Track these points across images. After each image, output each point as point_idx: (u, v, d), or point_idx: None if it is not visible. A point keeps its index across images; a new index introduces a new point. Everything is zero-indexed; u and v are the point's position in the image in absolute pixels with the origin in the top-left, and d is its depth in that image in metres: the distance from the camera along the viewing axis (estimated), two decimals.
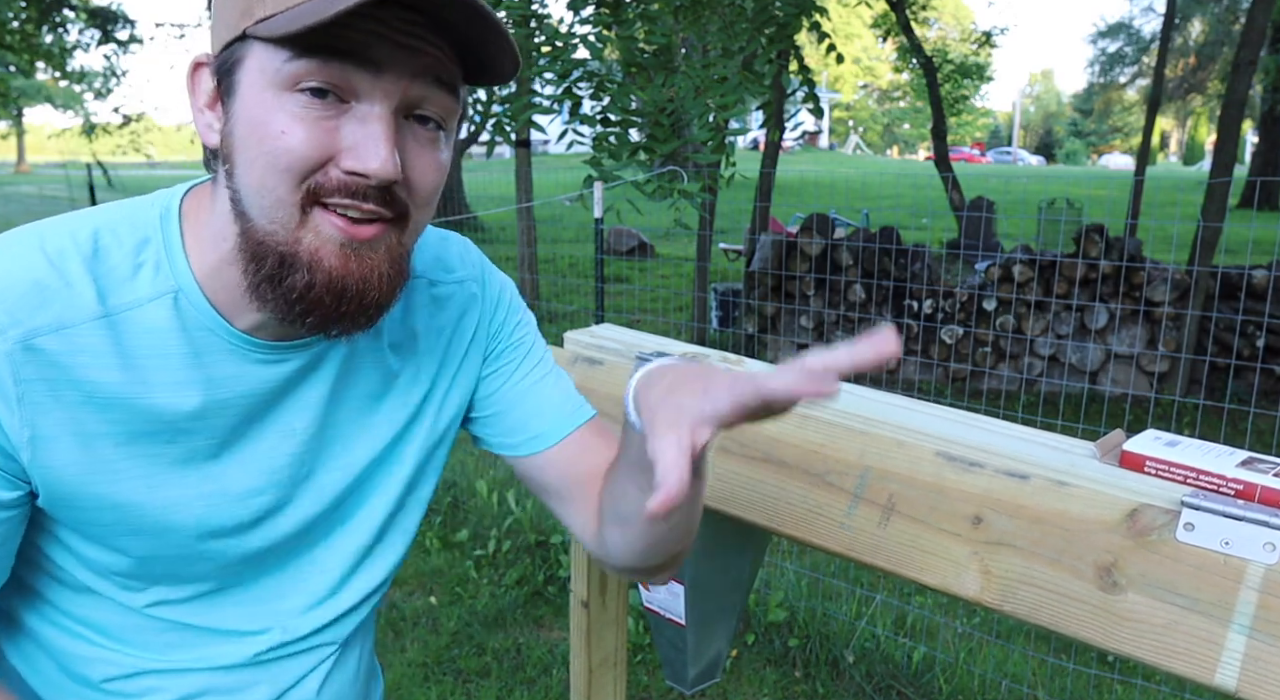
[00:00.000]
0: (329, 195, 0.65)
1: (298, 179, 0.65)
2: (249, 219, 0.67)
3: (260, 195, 0.66)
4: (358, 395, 0.82)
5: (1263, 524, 0.66)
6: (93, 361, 0.68)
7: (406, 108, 0.67)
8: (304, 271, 0.66)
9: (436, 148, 0.70)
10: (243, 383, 0.74)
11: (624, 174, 3.48)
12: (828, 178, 14.64)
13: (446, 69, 0.68)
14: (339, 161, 0.65)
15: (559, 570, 3.29)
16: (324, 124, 0.64)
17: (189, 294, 0.71)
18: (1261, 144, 18.39)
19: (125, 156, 24.84)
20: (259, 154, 0.65)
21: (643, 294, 8.13)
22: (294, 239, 0.66)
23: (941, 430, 0.86)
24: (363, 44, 0.63)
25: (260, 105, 0.65)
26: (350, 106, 0.65)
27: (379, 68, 0.64)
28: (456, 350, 0.88)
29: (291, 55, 0.63)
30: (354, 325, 0.70)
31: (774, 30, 3.59)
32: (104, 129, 24.36)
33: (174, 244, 0.72)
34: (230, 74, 0.67)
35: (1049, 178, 16.11)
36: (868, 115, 60.01)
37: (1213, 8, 23.84)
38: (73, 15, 19.89)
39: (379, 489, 0.85)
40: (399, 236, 0.70)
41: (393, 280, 0.70)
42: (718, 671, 1.23)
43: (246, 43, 0.66)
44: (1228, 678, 0.65)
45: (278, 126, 0.64)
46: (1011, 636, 2.97)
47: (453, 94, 0.69)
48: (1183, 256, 6.70)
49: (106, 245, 0.71)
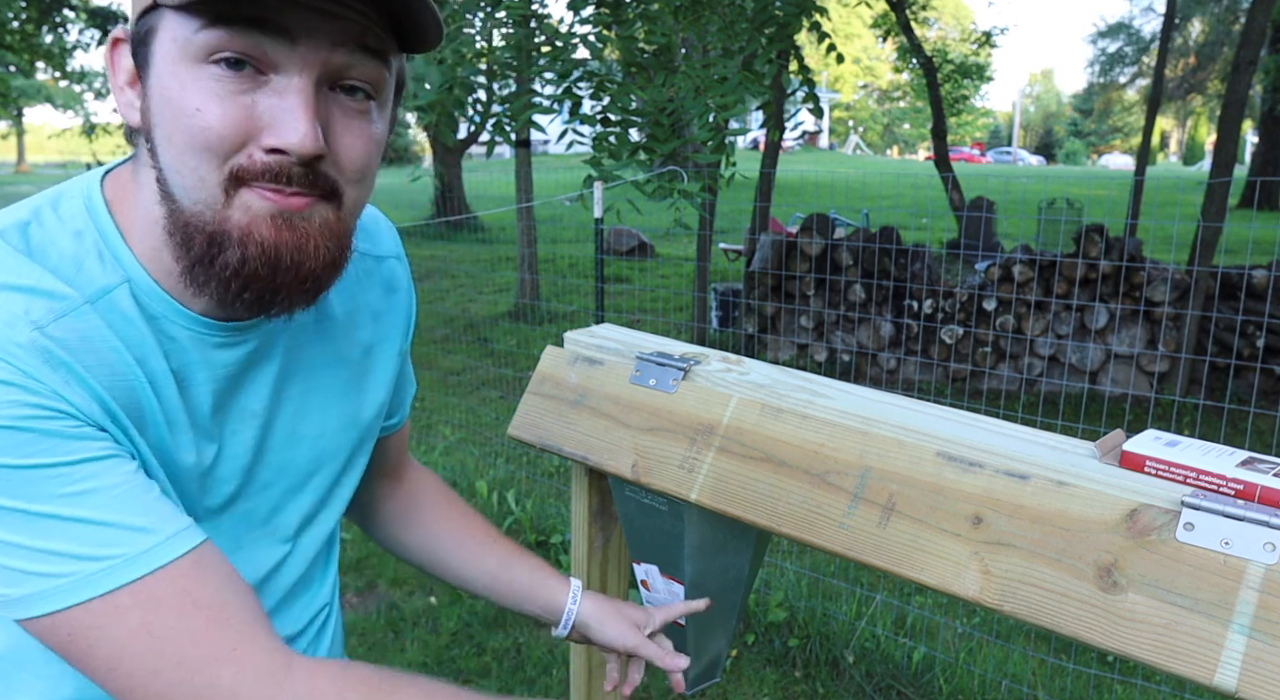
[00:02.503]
0: (253, 179, 0.63)
1: (219, 159, 0.62)
2: (174, 199, 0.64)
3: (181, 175, 0.63)
4: (304, 370, 0.81)
5: (1263, 524, 0.66)
6: (101, 345, 0.65)
7: (330, 78, 0.64)
8: (235, 247, 0.63)
9: (367, 119, 0.67)
10: (207, 369, 0.72)
11: (624, 174, 3.48)
12: (828, 178, 14.63)
13: (372, 34, 0.64)
14: (259, 139, 0.62)
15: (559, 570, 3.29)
16: (240, 99, 0.61)
17: (138, 282, 0.68)
18: (1261, 144, 18.38)
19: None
20: (175, 131, 0.62)
21: (643, 294, 8.13)
22: (221, 218, 0.63)
23: (941, 430, 0.86)
24: (276, 10, 0.60)
25: (174, 78, 0.61)
26: (268, 78, 0.62)
27: (295, 36, 0.61)
28: (391, 325, 0.90)
29: (202, 24, 0.60)
30: (292, 300, 0.68)
31: (774, 30, 3.58)
32: (104, 129, 24.34)
33: (109, 232, 0.68)
34: (145, 45, 0.64)
35: (1049, 178, 16.11)
36: (868, 115, 60.01)
37: (1213, 8, 23.83)
38: (73, 15, 19.88)
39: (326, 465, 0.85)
40: (334, 213, 0.67)
41: (330, 253, 0.67)
42: (718, 671, 1.23)
43: (159, 11, 0.62)
44: (1228, 678, 0.65)
45: (192, 103, 0.61)
46: (1011, 636, 2.97)
47: (381, 61, 0.65)
48: (1183, 256, 6.71)
49: (40, 243, 0.66)
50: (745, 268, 6.67)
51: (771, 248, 6.30)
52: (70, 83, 24.65)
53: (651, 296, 8.06)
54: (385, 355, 0.90)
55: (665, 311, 7.77)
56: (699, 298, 6.49)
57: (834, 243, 6.09)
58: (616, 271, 9.72)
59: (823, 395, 0.95)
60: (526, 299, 7.65)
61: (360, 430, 0.88)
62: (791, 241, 6.21)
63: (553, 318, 7.11)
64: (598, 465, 1.04)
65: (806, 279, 6.19)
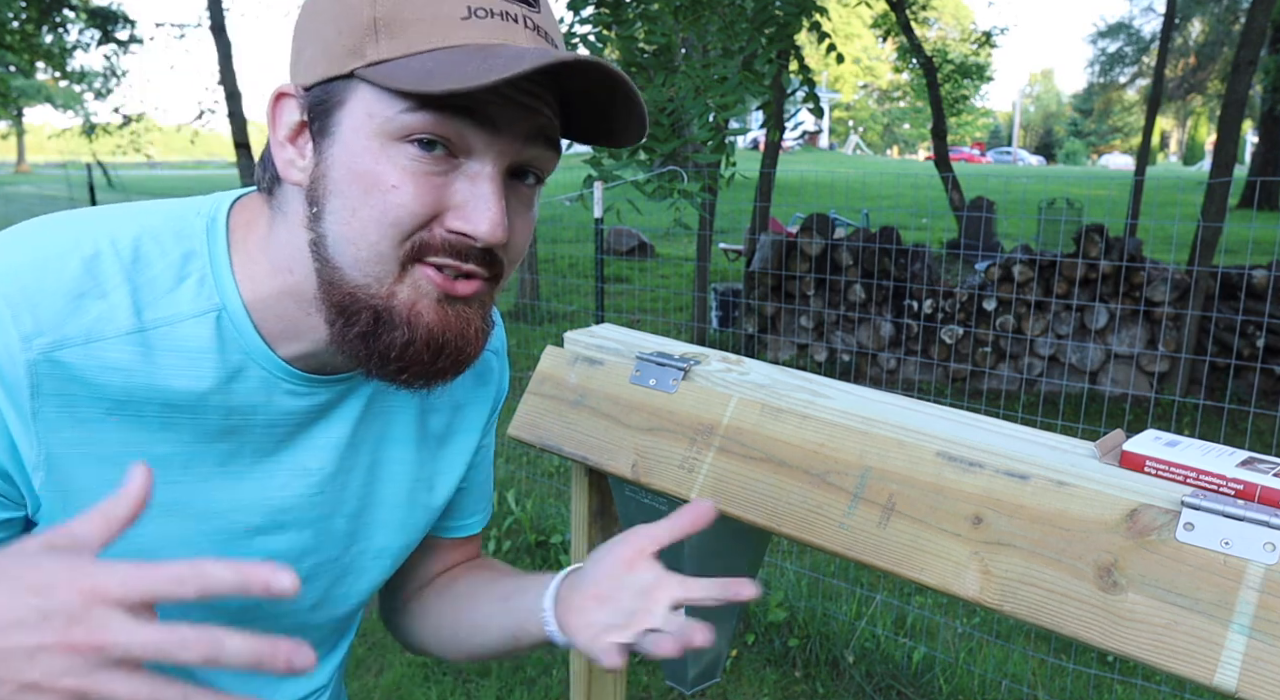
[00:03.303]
0: (433, 253, 0.62)
1: (403, 235, 0.61)
2: (336, 267, 0.63)
3: (358, 247, 0.62)
4: (375, 441, 0.78)
5: (1263, 524, 0.66)
6: (117, 380, 0.64)
7: (514, 167, 0.65)
8: (403, 329, 0.63)
9: (533, 204, 0.68)
10: (264, 413, 0.70)
11: (624, 174, 3.48)
12: (828, 178, 14.63)
13: (553, 126, 0.65)
14: (444, 220, 0.62)
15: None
16: (434, 179, 0.61)
17: (233, 315, 0.67)
18: (1261, 144, 18.38)
19: (125, 157, 24.81)
20: (363, 205, 0.61)
21: (643, 294, 8.13)
22: (389, 293, 0.63)
23: (941, 430, 0.86)
24: (483, 101, 0.60)
25: (367, 153, 0.61)
26: (460, 163, 0.62)
27: (497, 127, 0.61)
28: (471, 420, 0.87)
29: (410, 107, 0.59)
30: (443, 380, 0.67)
31: (774, 30, 3.59)
32: (104, 129, 24.35)
33: (220, 260, 0.68)
34: (328, 114, 0.62)
35: (1049, 178, 16.11)
36: (868, 115, 60.03)
37: (1213, 8, 23.84)
38: (73, 15, 19.90)
39: (378, 548, 0.82)
40: (491, 292, 0.68)
41: (484, 335, 0.68)
42: (717, 671, 1.23)
43: (352, 82, 0.61)
44: (1228, 678, 0.65)
45: (388, 180, 0.60)
46: (1011, 636, 2.97)
47: (556, 150, 0.66)
48: (1183, 256, 6.71)
49: (148, 253, 0.66)
50: (745, 268, 6.67)
51: (771, 248, 6.30)
52: (70, 83, 24.67)
53: (651, 296, 8.06)
54: (458, 448, 0.86)
55: (665, 311, 7.77)
56: (699, 298, 6.50)
57: (834, 243, 6.09)
58: (616, 271, 9.72)
59: (823, 395, 0.95)
60: (526, 299, 7.65)
61: (426, 514, 0.85)
62: (791, 241, 6.21)
63: (553, 318, 7.11)
64: (598, 465, 1.04)
65: (806, 279, 6.19)
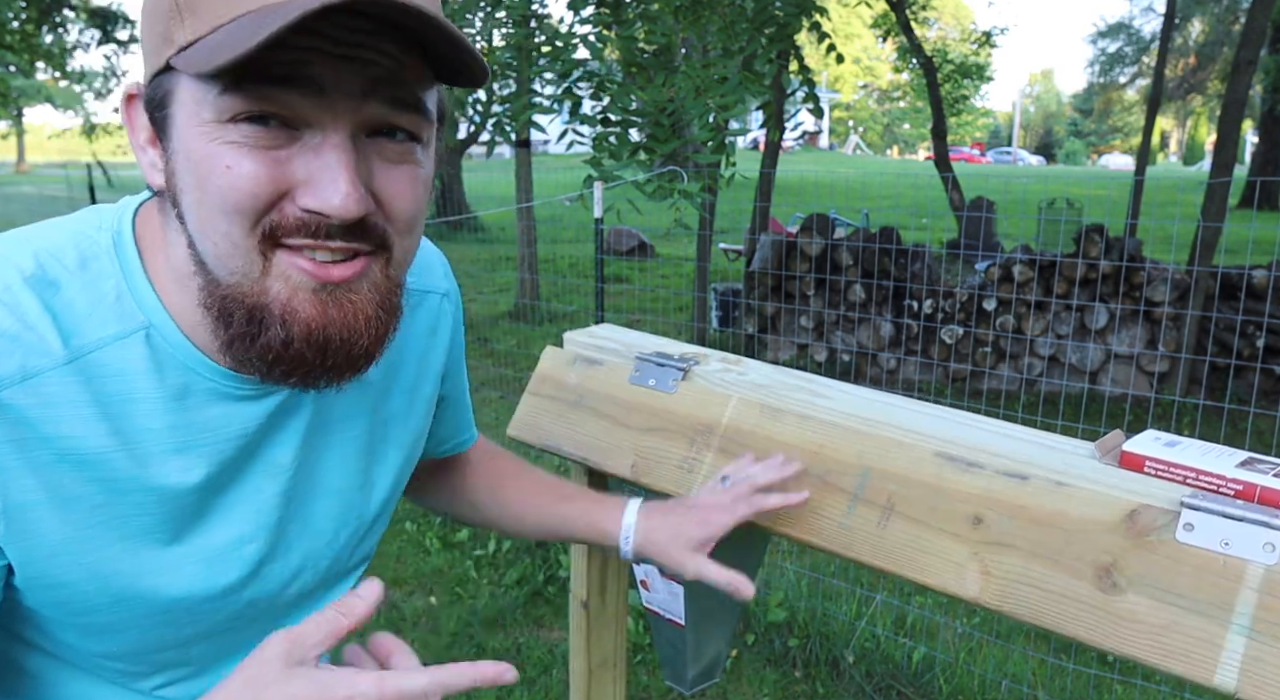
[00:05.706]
0: (288, 235, 0.57)
1: (251, 220, 0.56)
2: (207, 268, 0.59)
3: (213, 241, 0.57)
4: (338, 417, 0.75)
5: (1263, 524, 0.66)
6: (65, 414, 0.59)
7: (368, 127, 0.58)
8: (278, 326, 0.58)
9: (412, 162, 0.61)
10: (228, 424, 0.66)
11: (624, 174, 3.48)
12: (828, 178, 14.64)
13: (410, 78, 0.58)
14: (295, 197, 0.56)
15: (559, 570, 3.29)
16: (274, 154, 0.56)
17: (162, 329, 0.62)
18: (1261, 144, 18.37)
19: (125, 156, 24.84)
20: (204, 193, 0.56)
21: (643, 294, 8.13)
22: (260, 289, 0.58)
23: (941, 430, 0.86)
24: (300, 62, 0.54)
25: (200, 140, 0.56)
26: (300, 134, 0.56)
27: (323, 89, 0.55)
28: (430, 366, 0.84)
29: (222, 88, 0.54)
30: (342, 377, 0.62)
31: (774, 30, 3.59)
32: (104, 129, 24.35)
33: (135, 274, 0.63)
34: (162, 108, 0.58)
35: (1049, 178, 16.12)
36: (868, 115, 60.00)
37: (1213, 8, 23.83)
38: (73, 15, 19.89)
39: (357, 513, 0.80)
40: (384, 269, 0.61)
41: (382, 322, 0.62)
42: (717, 671, 1.23)
43: (173, 72, 0.57)
44: (1227, 678, 0.65)
45: (221, 161, 0.55)
46: (1011, 636, 2.97)
47: (411, 103, 0.59)
48: (1183, 256, 6.70)
49: (57, 277, 0.61)
50: (745, 268, 6.67)
51: (771, 248, 6.30)
52: (70, 83, 24.68)
53: (651, 296, 8.06)
54: (420, 400, 0.84)
55: (665, 311, 7.77)
56: (699, 298, 6.49)
57: (834, 243, 6.09)
58: (616, 271, 9.71)
59: (822, 395, 0.95)
60: (526, 299, 7.64)
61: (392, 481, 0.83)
62: (791, 241, 6.21)
63: (552, 318, 7.11)
64: (598, 466, 1.04)
65: (806, 279, 6.19)
